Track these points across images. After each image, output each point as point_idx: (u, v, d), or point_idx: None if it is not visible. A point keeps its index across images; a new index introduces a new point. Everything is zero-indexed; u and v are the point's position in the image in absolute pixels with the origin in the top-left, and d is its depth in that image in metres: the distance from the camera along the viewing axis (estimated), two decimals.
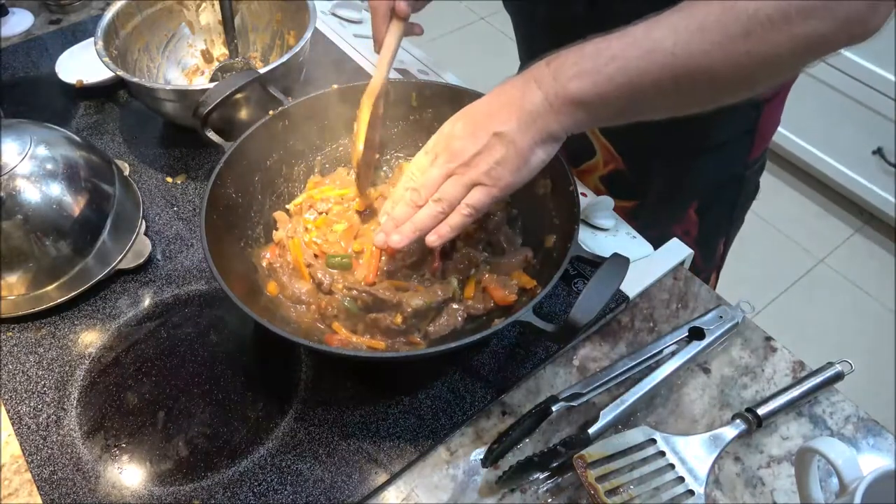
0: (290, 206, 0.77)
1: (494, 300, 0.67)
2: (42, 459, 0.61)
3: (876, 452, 0.61)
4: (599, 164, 0.93)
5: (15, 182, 0.69)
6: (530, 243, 0.72)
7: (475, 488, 0.59)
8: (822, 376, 0.63)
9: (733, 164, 0.91)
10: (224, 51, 1.02)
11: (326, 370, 0.67)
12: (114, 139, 0.93)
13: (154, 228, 0.81)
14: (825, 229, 2.08)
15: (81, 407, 0.65)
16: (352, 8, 1.15)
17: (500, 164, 0.57)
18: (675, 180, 0.91)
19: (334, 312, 0.67)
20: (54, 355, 0.69)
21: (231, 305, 0.57)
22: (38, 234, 0.70)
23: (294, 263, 0.71)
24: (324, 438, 0.62)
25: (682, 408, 0.64)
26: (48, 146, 0.73)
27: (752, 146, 0.89)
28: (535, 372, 0.67)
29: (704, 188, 0.92)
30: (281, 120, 0.75)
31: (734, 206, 0.97)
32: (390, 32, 0.73)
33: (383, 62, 0.73)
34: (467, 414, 0.63)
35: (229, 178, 0.70)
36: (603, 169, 0.93)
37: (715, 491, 0.59)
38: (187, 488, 0.59)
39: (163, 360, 0.68)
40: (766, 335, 0.69)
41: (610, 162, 0.92)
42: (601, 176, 0.94)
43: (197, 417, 0.64)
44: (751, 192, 0.98)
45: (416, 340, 0.65)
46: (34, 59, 1.07)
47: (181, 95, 0.83)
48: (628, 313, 0.72)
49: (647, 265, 0.74)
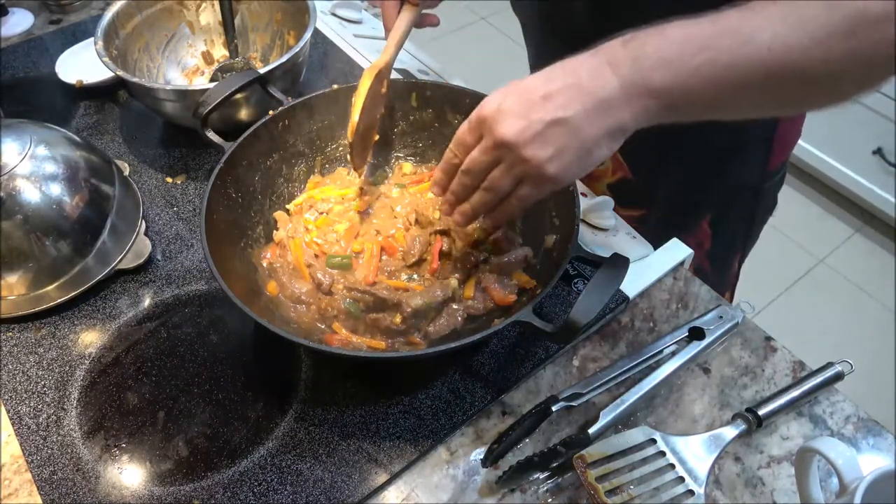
0: (290, 206, 0.77)
1: (494, 300, 0.67)
2: (42, 459, 0.61)
3: (876, 452, 0.61)
4: (608, 171, 0.91)
5: (15, 182, 0.69)
6: (530, 243, 0.72)
7: (475, 488, 0.59)
8: (822, 376, 0.63)
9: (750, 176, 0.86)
10: (224, 51, 1.02)
11: (326, 370, 0.67)
12: (114, 139, 0.93)
13: (154, 228, 0.81)
14: (825, 229, 2.08)
15: (81, 407, 0.65)
16: (352, 8, 1.15)
17: (558, 156, 0.51)
18: (685, 190, 0.86)
19: (334, 313, 0.67)
20: (54, 355, 0.69)
21: (231, 305, 0.57)
22: (38, 234, 0.70)
23: (294, 263, 0.71)
24: (324, 438, 0.62)
25: (682, 408, 0.64)
26: (48, 146, 0.73)
27: (770, 156, 0.84)
28: (535, 372, 0.67)
29: (719, 200, 0.87)
30: (281, 120, 0.75)
31: (751, 221, 0.92)
32: (401, 17, 0.71)
33: (391, 43, 0.71)
34: (467, 414, 0.63)
35: (229, 178, 0.70)
36: (611, 176, 0.90)
37: (715, 491, 0.59)
38: (187, 488, 0.59)
39: (163, 360, 0.68)
40: (766, 335, 0.69)
41: (618, 170, 0.89)
42: (609, 183, 0.91)
43: (197, 417, 0.64)
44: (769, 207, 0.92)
45: (416, 340, 0.65)
46: (34, 59, 1.07)
47: (181, 95, 0.83)
48: (628, 313, 0.72)
49: (647, 265, 0.74)
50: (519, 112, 0.50)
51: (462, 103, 0.77)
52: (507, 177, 0.54)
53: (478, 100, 0.75)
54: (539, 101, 0.50)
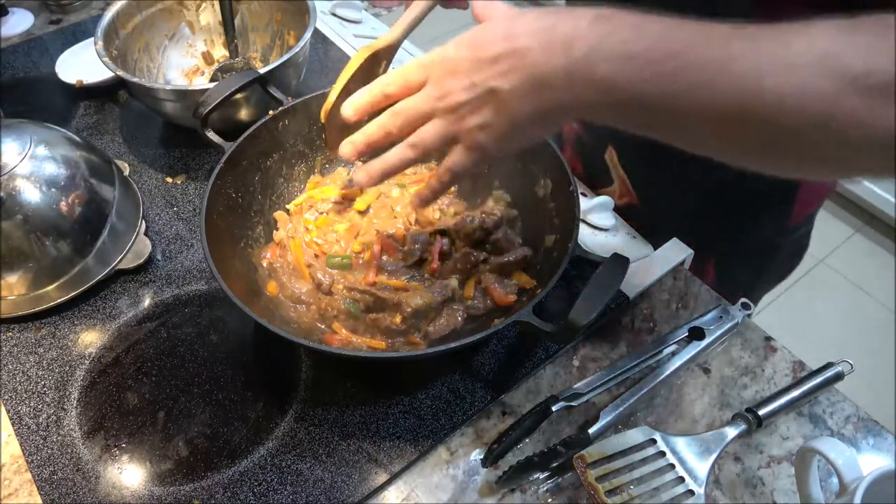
0: (290, 206, 0.77)
1: (494, 300, 0.67)
2: (42, 459, 0.61)
3: (876, 452, 0.61)
4: (616, 194, 0.87)
5: (15, 182, 0.69)
6: (530, 243, 0.72)
7: (475, 488, 0.59)
8: (822, 376, 0.63)
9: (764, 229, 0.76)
10: (224, 51, 1.02)
11: (326, 370, 0.67)
12: (114, 139, 0.93)
13: (154, 228, 0.81)
14: (825, 229, 2.08)
15: (81, 407, 0.65)
16: (352, 8, 1.15)
17: (488, 127, 0.47)
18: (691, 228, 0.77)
19: (334, 313, 0.67)
20: (54, 355, 0.69)
21: (231, 305, 0.57)
22: (38, 234, 0.70)
23: (294, 263, 0.71)
24: (324, 438, 0.62)
25: (682, 408, 0.64)
26: (48, 146, 0.73)
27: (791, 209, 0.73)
28: (535, 372, 0.67)
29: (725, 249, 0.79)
30: (281, 120, 0.75)
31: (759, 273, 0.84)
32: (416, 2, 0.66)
33: (400, 24, 0.67)
34: (467, 414, 0.63)
35: (229, 178, 0.70)
36: (619, 200, 0.86)
37: (715, 491, 0.59)
38: (187, 488, 0.59)
39: (163, 360, 0.68)
40: (766, 335, 0.69)
41: (625, 195, 0.87)
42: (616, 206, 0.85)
43: (197, 417, 0.64)
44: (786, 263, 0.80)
45: (416, 340, 0.65)
46: (34, 59, 1.07)
47: (181, 95, 0.83)
48: (628, 313, 0.72)
49: (647, 265, 0.74)
50: (467, 69, 0.46)
51: None
52: (438, 136, 0.49)
53: None
54: (487, 61, 0.45)
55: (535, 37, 0.44)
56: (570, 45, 0.42)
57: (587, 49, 0.41)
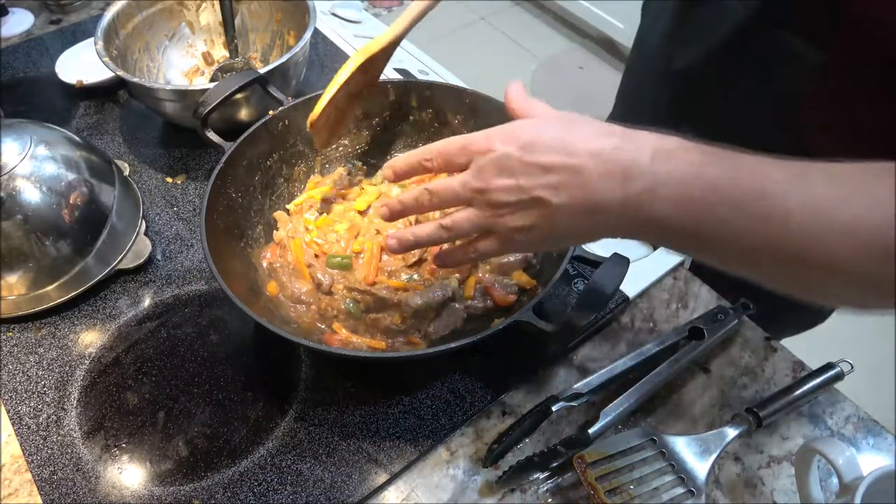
0: (290, 206, 0.77)
1: (494, 300, 0.67)
2: (42, 459, 0.61)
3: (876, 452, 0.61)
4: None
5: (15, 182, 0.69)
6: None
7: (475, 488, 0.59)
8: (822, 376, 0.63)
9: None
10: (224, 51, 1.02)
11: (326, 370, 0.67)
12: (114, 139, 0.93)
13: (154, 228, 0.81)
14: None
15: (81, 407, 0.65)
16: (352, 8, 1.15)
17: (525, 232, 0.47)
18: None
19: (334, 313, 0.67)
20: (54, 355, 0.69)
21: (231, 305, 0.57)
22: (38, 234, 0.70)
23: (294, 263, 0.71)
24: (324, 438, 0.62)
25: (682, 408, 0.64)
26: (48, 146, 0.73)
27: None
28: (534, 372, 0.67)
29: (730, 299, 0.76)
30: (281, 120, 0.75)
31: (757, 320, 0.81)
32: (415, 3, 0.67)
33: (398, 23, 0.67)
34: (467, 414, 0.63)
35: (229, 178, 0.70)
36: None
37: (715, 491, 0.59)
38: (187, 488, 0.59)
39: (163, 360, 0.68)
40: (766, 335, 0.69)
41: None
42: None
43: (197, 417, 0.64)
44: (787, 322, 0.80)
45: (416, 340, 0.65)
46: (34, 59, 1.07)
47: (181, 95, 0.83)
48: (628, 313, 0.72)
49: (647, 265, 0.74)
50: (514, 169, 0.46)
51: (462, 103, 0.77)
52: (473, 225, 0.50)
53: (477, 99, 0.76)
54: (539, 168, 0.45)
55: (593, 159, 0.44)
56: (628, 179, 0.43)
57: (645, 187, 0.42)
